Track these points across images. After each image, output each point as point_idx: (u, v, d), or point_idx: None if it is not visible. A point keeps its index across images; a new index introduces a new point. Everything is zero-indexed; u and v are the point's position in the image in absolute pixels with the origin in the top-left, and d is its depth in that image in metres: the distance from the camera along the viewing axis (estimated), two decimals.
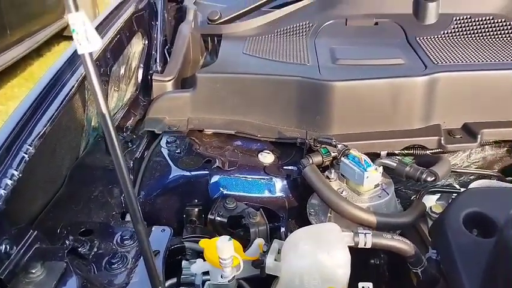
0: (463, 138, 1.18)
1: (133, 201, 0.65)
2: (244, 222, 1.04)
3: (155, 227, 0.99)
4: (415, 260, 0.91)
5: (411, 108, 1.20)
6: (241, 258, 0.92)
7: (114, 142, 0.61)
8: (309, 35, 1.51)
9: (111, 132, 0.61)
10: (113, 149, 0.61)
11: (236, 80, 1.30)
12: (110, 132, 0.61)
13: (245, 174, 1.16)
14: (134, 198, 0.66)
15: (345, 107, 1.21)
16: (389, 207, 1.07)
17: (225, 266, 0.82)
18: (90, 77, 0.60)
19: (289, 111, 1.27)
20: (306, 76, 1.23)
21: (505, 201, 0.97)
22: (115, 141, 0.61)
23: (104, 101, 0.61)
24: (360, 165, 1.05)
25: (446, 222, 0.96)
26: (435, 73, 1.18)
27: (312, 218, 1.12)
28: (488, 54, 1.28)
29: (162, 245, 0.94)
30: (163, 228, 0.98)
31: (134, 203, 0.65)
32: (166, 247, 0.94)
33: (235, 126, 1.28)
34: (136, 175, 1.16)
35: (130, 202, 0.65)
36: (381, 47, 1.38)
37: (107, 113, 0.61)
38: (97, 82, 0.60)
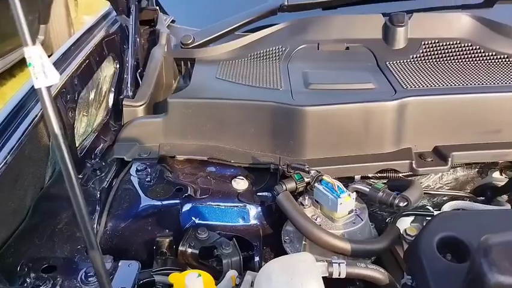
0: (433, 162, 1.19)
1: (87, 223, 0.61)
2: (217, 253, 1.01)
3: (122, 261, 0.95)
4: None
5: (382, 132, 1.21)
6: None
7: (70, 172, 0.58)
8: (282, 59, 1.52)
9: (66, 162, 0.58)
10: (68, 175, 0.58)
11: (209, 105, 1.29)
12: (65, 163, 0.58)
13: (218, 201, 1.14)
14: (88, 220, 0.61)
15: (317, 132, 1.21)
16: (363, 233, 1.06)
17: None
18: (47, 112, 0.57)
19: (263, 136, 1.26)
20: (279, 101, 1.23)
21: (477, 225, 0.98)
22: (70, 169, 0.58)
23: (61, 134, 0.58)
24: (334, 192, 1.04)
25: (420, 248, 0.96)
26: (404, 97, 1.20)
27: (286, 246, 1.10)
28: (456, 78, 1.31)
29: (129, 280, 0.90)
30: (130, 262, 0.94)
31: (88, 225, 0.61)
32: (133, 283, 0.90)
33: (208, 152, 1.26)
34: (104, 205, 1.11)
35: (83, 223, 0.60)
36: (352, 71, 1.40)
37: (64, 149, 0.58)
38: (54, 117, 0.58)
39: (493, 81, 1.28)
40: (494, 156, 1.21)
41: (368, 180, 1.33)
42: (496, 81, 1.28)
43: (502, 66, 1.38)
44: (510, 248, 0.71)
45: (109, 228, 1.09)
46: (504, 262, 0.68)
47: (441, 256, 0.94)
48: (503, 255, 0.69)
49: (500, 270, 0.67)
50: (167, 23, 1.78)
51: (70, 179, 0.58)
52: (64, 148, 0.58)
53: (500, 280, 0.66)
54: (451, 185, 1.44)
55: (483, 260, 0.70)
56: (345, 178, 1.28)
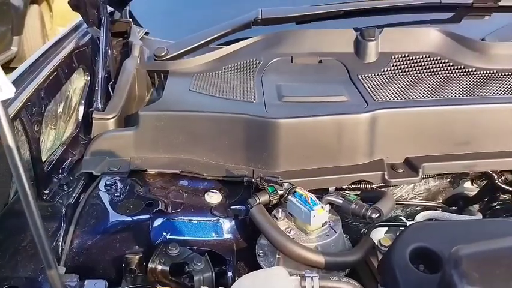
0: (405, 173, 1.21)
1: (44, 241, 0.58)
2: (188, 270, 0.98)
3: (87, 280, 0.92)
4: None
5: (355, 144, 1.22)
6: None
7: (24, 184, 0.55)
8: (256, 72, 1.52)
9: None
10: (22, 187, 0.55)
11: (181, 118, 1.27)
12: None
13: (190, 216, 1.11)
14: (45, 238, 0.58)
15: (291, 144, 1.21)
16: (337, 245, 1.06)
17: None
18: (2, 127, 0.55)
19: (236, 148, 1.25)
20: (253, 114, 1.23)
21: (449, 235, 0.99)
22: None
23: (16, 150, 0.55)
24: (307, 204, 1.03)
25: (393, 259, 0.96)
26: (376, 110, 1.22)
27: (260, 260, 1.08)
28: (426, 91, 1.34)
29: None
30: (96, 281, 0.90)
31: (45, 243, 0.58)
32: None
33: (181, 165, 1.24)
34: (70, 222, 1.07)
35: (40, 242, 0.57)
36: (325, 84, 1.41)
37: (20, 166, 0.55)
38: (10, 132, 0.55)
39: (462, 94, 1.31)
40: (464, 167, 1.24)
41: (342, 191, 1.34)
42: (464, 94, 1.31)
43: (470, 79, 1.42)
44: (480, 259, 0.71)
45: (75, 245, 1.05)
46: (474, 273, 0.68)
47: (414, 267, 0.94)
48: (473, 266, 0.69)
49: (470, 282, 0.67)
50: (141, 35, 1.76)
51: (25, 196, 0.55)
52: (19, 165, 0.55)
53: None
54: (423, 195, 1.46)
55: (453, 271, 0.70)
56: (320, 190, 1.28)
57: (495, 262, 0.69)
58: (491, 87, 1.35)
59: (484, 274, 0.68)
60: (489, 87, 1.35)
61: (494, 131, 1.25)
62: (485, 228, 1.05)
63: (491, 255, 0.71)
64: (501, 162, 1.23)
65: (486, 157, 1.23)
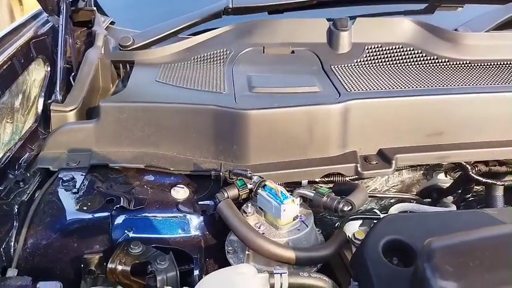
0: (378, 164, 1.18)
1: None
2: (151, 269, 0.92)
3: (40, 283, 0.84)
4: None
5: (327, 135, 1.18)
6: None
7: None
8: (226, 62, 1.46)
9: None
10: None
11: (146, 110, 1.20)
12: None
13: (155, 212, 1.05)
14: None
15: (261, 136, 1.16)
16: (309, 240, 1.02)
17: None
18: None
19: (205, 141, 1.19)
20: (221, 105, 1.17)
21: (423, 227, 0.96)
22: None
23: None
24: (277, 198, 0.99)
25: (365, 252, 0.93)
26: (348, 100, 1.18)
27: (230, 257, 1.03)
28: (399, 82, 1.31)
29: None
30: (50, 283, 0.83)
31: None
32: None
33: (146, 160, 1.17)
34: (23, 220, 0.99)
35: None
36: (297, 75, 1.37)
37: None
38: None
39: (435, 85, 1.29)
40: (437, 158, 1.22)
41: (315, 185, 1.30)
42: (437, 85, 1.29)
43: (443, 70, 1.41)
44: (454, 252, 0.68)
45: (29, 245, 0.97)
46: (447, 266, 0.65)
47: (388, 260, 0.91)
48: (446, 259, 0.66)
49: (443, 276, 0.64)
50: (106, 25, 1.68)
51: None
52: None
53: (443, 286, 0.63)
54: (397, 188, 1.44)
55: (426, 265, 0.67)
56: (292, 183, 1.24)
57: (469, 254, 0.67)
58: (464, 78, 1.34)
59: (457, 267, 0.65)
60: (462, 78, 1.34)
61: (467, 121, 1.23)
62: (459, 219, 1.03)
63: (465, 247, 0.68)
64: (475, 152, 1.22)
65: (459, 148, 1.22)
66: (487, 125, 1.24)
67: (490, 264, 0.64)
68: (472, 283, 0.62)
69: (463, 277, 0.63)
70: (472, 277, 0.63)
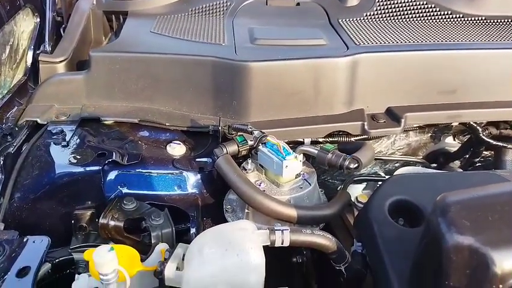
0: (386, 123, 1.11)
1: None
2: (145, 226, 0.88)
3: (28, 237, 0.79)
4: (338, 256, 0.81)
5: (333, 91, 1.11)
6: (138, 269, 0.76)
7: None
8: (226, 14, 1.37)
9: None
10: None
11: (140, 60, 1.12)
12: None
13: (150, 169, 0.99)
14: None
15: (263, 91, 1.09)
16: (312, 199, 0.97)
17: (107, 282, 0.65)
18: None
19: (202, 96, 1.12)
20: (221, 56, 1.09)
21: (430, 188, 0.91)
22: None
23: None
24: (279, 154, 0.93)
25: (370, 213, 0.88)
26: (356, 54, 1.10)
27: (228, 216, 0.98)
28: (411, 36, 1.23)
29: (35, 259, 0.75)
30: (38, 238, 0.79)
31: None
32: (39, 262, 0.75)
33: (140, 114, 1.10)
34: (10, 174, 0.93)
35: None
36: (302, 28, 1.29)
37: None
38: None
39: (448, 40, 1.21)
40: (448, 117, 1.15)
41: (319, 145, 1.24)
42: (450, 40, 1.21)
43: (457, 25, 1.32)
44: (470, 206, 0.63)
45: (16, 199, 0.92)
46: (464, 221, 0.60)
47: (394, 221, 0.86)
48: (463, 213, 0.61)
49: (460, 230, 0.59)
50: None
51: None
52: None
53: (459, 241, 0.58)
54: (403, 151, 1.39)
55: (440, 219, 0.62)
56: (294, 142, 1.18)
57: (488, 209, 0.61)
58: (479, 34, 1.25)
59: (475, 221, 0.59)
60: (476, 34, 1.25)
61: (481, 79, 1.16)
62: (470, 180, 0.97)
63: (483, 201, 0.63)
64: (488, 112, 1.15)
65: (472, 107, 1.15)
66: (501, 84, 1.17)
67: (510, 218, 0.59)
68: (491, 238, 0.57)
69: (481, 231, 0.58)
70: (491, 231, 0.58)
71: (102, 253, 0.63)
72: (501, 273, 0.55)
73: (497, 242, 0.57)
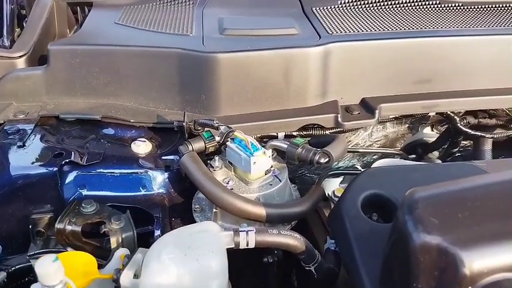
0: (360, 115, 1.07)
1: None
2: (104, 230, 0.83)
3: None
4: (307, 256, 0.78)
5: (305, 83, 1.07)
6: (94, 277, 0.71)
7: None
8: (196, 4, 1.31)
9: None
10: None
11: (101, 53, 1.06)
12: None
13: (112, 168, 0.94)
14: None
15: (232, 84, 1.04)
16: (283, 196, 0.93)
17: None
18: None
19: (169, 90, 1.07)
20: (187, 48, 1.04)
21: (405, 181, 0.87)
22: None
23: None
24: (247, 150, 0.88)
25: (343, 208, 0.84)
26: (329, 43, 1.06)
27: (196, 216, 0.94)
28: (386, 24, 1.19)
29: None
30: None
31: None
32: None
33: (103, 111, 1.05)
34: None
35: None
36: (275, 17, 1.23)
37: None
38: None
39: (424, 27, 1.17)
40: (424, 108, 1.12)
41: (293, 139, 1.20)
42: (426, 27, 1.17)
43: (434, 12, 1.28)
44: (439, 202, 0.59)
45: None
46: (432, 218, 0.56)
47: (367, 216, 0.83)
48: (431, 210, 0.57)
49: (427, 229, 0.55)
50: None
51: None
52: None
53: (426, 240, 0.54)
54: (380, 142, 1.35)
55: (407, 217, 0.58)
56: (268, 137, 1.14)
57: (458, 205, 0.58)
58: (455, 21, 1.22)
59: (444, 219, 0.56)
60: (453, 21, 1.22)
61: (457, 67, 1.13)
62: (446, 172, 0.94)
63: (453, 197, 0.59)
64: (465, 101, 1.12)
65: (448, 96, 1.12)
66: (479, 72, 1.14)
67: (482, 216, 0.55)
68: (460, 236, 0.54)
69: (450, 230, 0.54)
70: (461, 230, 0.54)
71: (45, 264, 0.58)
72: (470, 274, 0.52)
73: (466, 241, 0.53)
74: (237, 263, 0.81)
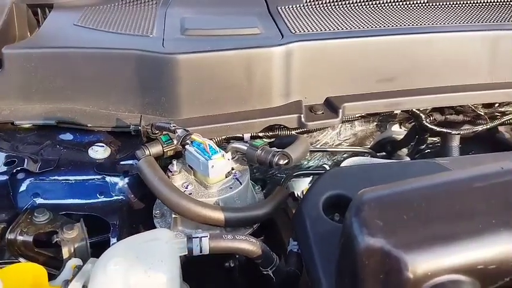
0: (324, 114, 1.06)
1: None
2: (56, 240, 0.80)
3: None
4: (264, 260, 0.76)
5: (268, 83, 1.05)
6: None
7: None
8: (160, 4, 1.28)
9: None
10: None
11: (57, 57, 1.03)
12: None
13: (67, 175, 0.91)
14: None
15: (193, 85, 1.02)
16: (244, 199, 0.91)
17: None
18: None
19: (129, 93, 1.04)
20: (145, 49, 1.01)
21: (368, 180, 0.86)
22: None
23: None
24: (205, 153, 0.87)
25: (305, 209, 0.83)
26: (291, 42, 1.05)
27: (157, 221, 0.92)
28: (351, 23, 1.17)
29: None
30: None
31: None
32: None
33: (60, 116, 1.02)
34: None
35: None
36: (238, 16, 1.21)
37: None
38: None
39: (387, 25, 1.16)
40: (388, 106, 1.11)
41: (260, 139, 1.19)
42: (390, 25, 1.17)
43: (398, 9, 1.28)
44: (386, 204, 0.58)
45: None
46: (377, 221, 0.55)
47: (330, 217, 0.82)
48: (376, 212, 0.57)
49: (371, 232, 0.54)
50: None
51: None
52: None
53: (370, 243, 0.54)
54: (350, 141, 1.35)
55: (354, 219, 0.57)
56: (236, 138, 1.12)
57: (404, 206, 0.57)
58: (419, 18, 1.21)
59: (388, 221, 0.55)
60: (416, 18, 1.21)
61: (420, 65, 1.13)
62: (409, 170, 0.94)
63: (400, 197, 0.59)
64: (428, 99, 1.12)
65: (412, 94, 1.11)
66: (440, 69, 1.14)
67: (427, 217, 0.55)
68: (403, 239, 0.53)
69: (394, 232, 0.54)
70: (405, 232, 0.54)
71: None
72: (414, 277, 0.51)
73: (410, 243, 0.53)
74: (203, 267, 0.80)
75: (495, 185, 0.57)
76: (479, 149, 1.46)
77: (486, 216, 0.54)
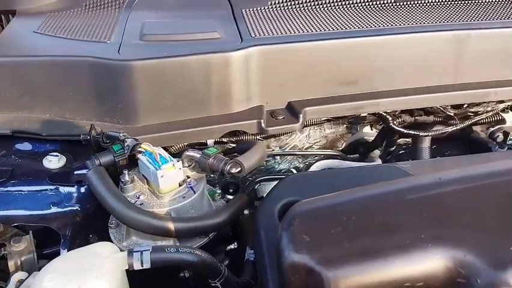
0: (285, 120, 1.05)
1: None
2: (3, 253, 0.79)
3: None
4: (211, 272, 0.75)
5: (228, 88, 1.04)
6: None
7: None
8: (123, 8, 1.27)
9: None
10: None
11: (10, 66, 1.01)
12: None
13: (19, 186, 0.90)
14: None
15: (150, 92, 1.01)
16: (199, 207, 0.90)
17: None
18: None
19: (85, 100, 1.02)
20: (99, 56, 1.00)
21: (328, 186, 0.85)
22: None
23: None
24: (156, 163, 0.85)
25: (260, 217, 0.82)
26: (250, 47, 1.03)
27: (112, 232, 0.91)
28: (314, 25, 1.15)
29: None
30: None
31: None
32: None
33: (15, 125, 1.00)
34: None
35: None
36: (199, 20, 1.20)
37: None
38: None
39: (351, 27, 1.14)
40: (350, 109, 1.10)
41: (224, 145, 1.17)
42: (353, 27, 1.14)
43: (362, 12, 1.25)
44: (315, 217, 0.57)
45: None
46: (304, 236, 0.54)
47: None
48: (305, 227, 0.55)
49: (297, 247, 0.53)
50: None
51: None
52: None
53: (295, 259, 0.52)
54: (320, 144, 1.33)
55: (283, 234, 0.56)
56: (199, 144, 1.10)
57: (333, 220, 0.56)
58: (385, 19, 1.20)
59: (315, 236, 0.54)
60: (383, 19, 1.20)
61: (384, 67, 1.11)
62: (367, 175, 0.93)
63: (331, 210, 0.57)
64: (391, 101, 1.10)
65: (376, 97, 1.10)
66: (403, 71, 1.12)
67: (354, 231, 0.53)
68: (327, 255, 0.51)
69: (319, 248, 0.52)
70: (330, 247, 0.52)
71: None
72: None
73: (333, 259, 0.51)
74: (159, 276, 0.78)
75: (428, 197, 0.56)
76: (455, 150, 1.45)
77: (415, 230, 0.52)
